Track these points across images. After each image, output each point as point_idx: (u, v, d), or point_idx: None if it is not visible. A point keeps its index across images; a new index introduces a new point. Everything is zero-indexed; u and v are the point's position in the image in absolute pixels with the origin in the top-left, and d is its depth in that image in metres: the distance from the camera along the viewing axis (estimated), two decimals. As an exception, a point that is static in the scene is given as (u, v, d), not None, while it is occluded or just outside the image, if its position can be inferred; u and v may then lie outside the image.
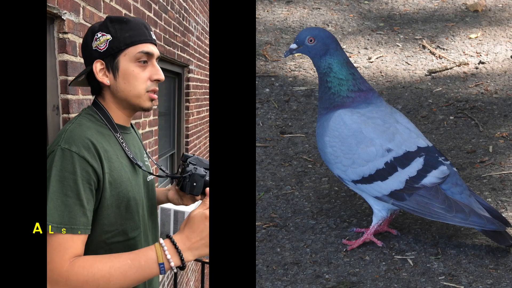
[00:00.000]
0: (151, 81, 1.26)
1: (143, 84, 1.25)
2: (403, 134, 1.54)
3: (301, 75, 2.18)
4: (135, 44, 1.23)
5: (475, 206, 1.51)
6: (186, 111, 4.39)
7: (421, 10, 2.49)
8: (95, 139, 1.15)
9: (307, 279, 1.51)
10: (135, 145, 1.36)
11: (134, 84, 1.24)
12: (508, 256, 1.53)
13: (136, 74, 1.23)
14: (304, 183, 1.78)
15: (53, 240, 1.05)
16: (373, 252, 1.57)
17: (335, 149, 1.56)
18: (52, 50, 1.80)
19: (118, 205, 1.18)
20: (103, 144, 1.17)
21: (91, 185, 1.10)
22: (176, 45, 3.76)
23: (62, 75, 1.83)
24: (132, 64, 1.23)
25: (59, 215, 1.06)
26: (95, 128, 1.20)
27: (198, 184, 1.38)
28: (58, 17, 1.78)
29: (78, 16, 1.89)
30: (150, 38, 1.26)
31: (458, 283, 1.47)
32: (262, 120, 2.00)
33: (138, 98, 1.26)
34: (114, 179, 1.16)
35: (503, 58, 2.23)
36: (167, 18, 3.47)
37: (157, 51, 1.29)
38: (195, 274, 4.76)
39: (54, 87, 1.81)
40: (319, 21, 2.42)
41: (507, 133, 1.92)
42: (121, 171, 1.20)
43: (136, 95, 1.25)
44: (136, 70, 1.23)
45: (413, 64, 2.22)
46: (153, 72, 1.26)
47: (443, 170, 1.53)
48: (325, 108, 1.58)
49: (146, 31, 1.26)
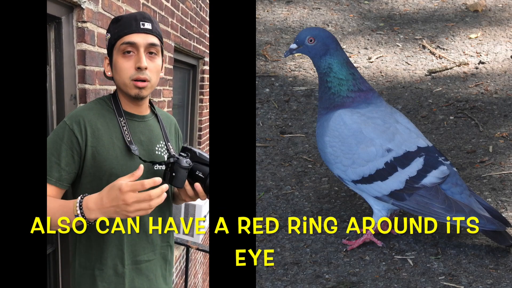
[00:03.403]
0: (135, 70, 1.36)
1: (127, 73, 1.36)
2: (403, 134, 1.54)
3: (301, 75, 2.18)
4: (121, 37, 1.35)
5: (475, 206, 1.51)
6: (200, 104, 4.30)
7: (421, 10, 2.49)
8: (89, 118, 1.34)
9: (307, 279, 1.51)
10: (145, 133, 1.44)
11: (120, 74, 1.37)
12: (508, 256, 1.53)
13: (120, 64, 1.36)
14: (304, 183, 1.78)
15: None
16: (373, 252, 1.57)
17: (335, 149, 1.56)
18: (71, 39, 1.78)
19: (100, 176, 1.34)
20: (97, 124, 1.35)
21: (73, 152, 1.32)
22: (192, 36, 3.68)
23: (80, 64, 1.82)
24: (119, 56, 1.36)
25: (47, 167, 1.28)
26: (97, 110, 1.38)
27: (177, 175, 1.36)
28: (77, 6, 1.76)
29: (97, 5, 1.88)
30: (136, 29, 1.35)
31: (458, 283, 1.47)
32: (262, 120, 2.00)
33: (125, 87, 1.38)
34: (98, 153, 1.34)
35: (503, 58, 2.23)
36: (184, 9, 3.40)
37: (147, 39, 1.37)
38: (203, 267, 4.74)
39: (72, 76, 1.81)
40: (319, 21, 2.42)
41: (507, 133, 1.92)
42: (109, 149, 1.35)
43: (123, 83, 1.37)
44: (120, 61, 1.36)
45: (413, 64, 2.22)
46: (136, 61, 1.35)
47: (443, 170, 1.52)
48: (325, 108, 1.58)
49: (134, 22, 1.35)
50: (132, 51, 1.35)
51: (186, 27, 3.46)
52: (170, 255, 1.56)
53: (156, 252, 1.49)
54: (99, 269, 1.39)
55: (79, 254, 1.41)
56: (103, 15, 1.93)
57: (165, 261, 1.53)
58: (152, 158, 1.42)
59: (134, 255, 1.43)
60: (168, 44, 3.02)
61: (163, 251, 1.51)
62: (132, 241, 1.41)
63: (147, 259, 1.46)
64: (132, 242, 1.42)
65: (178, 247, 3.66)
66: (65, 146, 1.32)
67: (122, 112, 1.40)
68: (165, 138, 1.49)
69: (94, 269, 1.39)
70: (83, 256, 1.40)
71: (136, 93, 1.37)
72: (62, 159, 1.32)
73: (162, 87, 2.97)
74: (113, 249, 1.39)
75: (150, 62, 1.37)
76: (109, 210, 1.20)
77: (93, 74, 1.89)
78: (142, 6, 2.42)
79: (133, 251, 1.42)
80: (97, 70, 1.92)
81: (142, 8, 2.43)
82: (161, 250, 1.51)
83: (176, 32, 3.19)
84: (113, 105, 1.40)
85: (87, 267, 1.40)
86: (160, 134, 1.48)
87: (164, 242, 1.52)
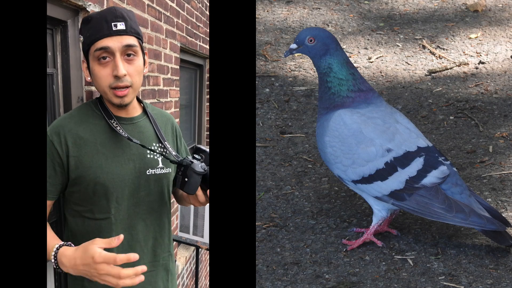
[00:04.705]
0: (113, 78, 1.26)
1: (106, 82, 1.26)
2: (403, 134, 1.54)
3: (301, 75, 2.18)
4: (94, 42, 1.24)
5: (475, 206, 1.51)
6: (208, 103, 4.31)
7: (421, 10, 2.49)
8: (69, 127, 1.29)
9: (307, 279, 1.51)
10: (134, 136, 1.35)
11: (98, 83, 1.28)
12: (508, 256, 1.53)
13: (96, 72, 1.26)
14: (304, 183, 1.78)
15: None
16: (373, 252, 1.57)
17: (335, 149, 1.56)
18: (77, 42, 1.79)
19: (85, 186, 1.31)
20: (79, 132, 1.29)
21: (54, 164, 1.29)
22: (198, 36, 3.66)
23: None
24: (95, 63, 1.26)
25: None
26: (79, 117, 1.32)
27: (190, 181, 1.26)
28: (83, 9, 1.78)
29: (102, 7, 1.88)
30: (108, 32, 1.23)
31: (458, 283, 1.47)
32: (262, 120, 2.00)
33: (106, 95, 1.30)
34: (81, 162, 1.29)
35: (503, 58, 2.23)
36: (190, 8, 3.38)
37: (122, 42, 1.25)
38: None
39: (78, 79, 1.82)
40: (319, 21, 2.42)
41: (507, 133, 1.92)
42: (93, 157, 1.30)
43: (103, 91, 1.30)
44: (97, 68, 1.26)
45: (413, 64, 2.22)
46: (113, 68, 1.25)
47: (443, 170, 1.52)
48: (325, 108, 1.58)
49: (106, 24, 1.23)
50: (107, 57, 1.25)
51: (192, 27, 3.45)
52: (172, 265, 1.50)
53: (156, 263, 1.43)
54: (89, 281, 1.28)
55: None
56: None
57: (167, 272, 1.48)
58: (143, 162, 1.35)
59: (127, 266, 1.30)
60: (174, 44, 3.01)
61: (164, 261, 1.46)
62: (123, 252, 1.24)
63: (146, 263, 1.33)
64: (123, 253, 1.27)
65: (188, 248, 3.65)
66: (48, 159, 1.28)
67: (111, 115, 1.33)
68: (160, 138, 1.40)
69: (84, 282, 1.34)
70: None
71: (118, 102, 1.29)
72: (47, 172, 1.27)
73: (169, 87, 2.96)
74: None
75: (129, 65, 1.27)
76: (81, 271, 1.18)
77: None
78: (146, 7, 2.42)
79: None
80: None
81: (147, 9, 2.42)
82: (162, 261, 1.45)
83: (182, 32, 3.18)
84: (100, 109, 1.33)
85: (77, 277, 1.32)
86: (153, 135, 1.40)
87: (164, 251, 1.46)
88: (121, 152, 1.33)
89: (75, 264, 1.18)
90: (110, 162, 1.32)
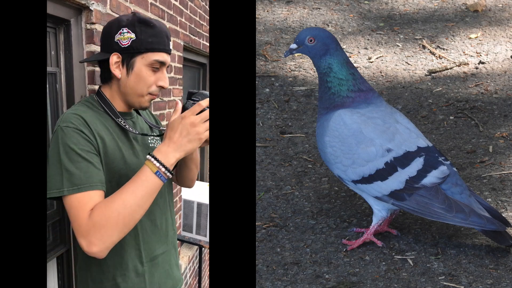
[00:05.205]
0: (156, 86, 1.37)
1: (149, 88, 1.36)
2: (403, 134, 1.54)
3: (301, 75, 2.18)
4: (153, 51, 1.34)
5: (475, 206, 1.51)
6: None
7: (421, 10, 2.49)
8: (88, 119, 1.28)
9: (307, 279, 1.51)
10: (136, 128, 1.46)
11: (142, 85, 1.35)
12: (508, 256, 1.53)
13: (147, 77, 1.35)
14: (304, 183, 1.78)
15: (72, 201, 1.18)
16: (373, 252, 1.57)
17: (335, 149, 1.56)
18: (80, 40, 1.80)
19: (110, 179, 1.30)
20: (97, 125, 1.30)
21: (94, 151, 1.25)
22: (201, 34, 3.66)
23: (89, 66, 1.83)
24: (145, 68, 1.34)
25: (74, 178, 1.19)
26: (91, 113, 1.33)
27: None
28: (86, 8, 1.78)
29: (105, 6, 1.89)
30: (167, 48, 1.38)
31: (458, 283, 1.47)
32: (262, 120, 2.00)
33: (140, 98, 1.37)
34: (106, 156, 1.29)
35: (503, 58, 2.23)
36: (193, 7, 3.38)
37: (169, 60, 1.40)
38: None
39: (81, 77, 1.82)
40: (319, 21, 2.42)
41: (507, 133, 1.92)
42: (114, 151, 1.32)
43: (140, 94, 1.37)
44: (148, 73, 1.35)
45: (413, 64, 2.22)
46: (161, 79, 1.37)
47: (443, 170, 1.53)
48: (325, 108, 1.58)
49: (166, 40, 1.37)
50: (158, 68, 1.37)
51: (195, 26, 3.44)
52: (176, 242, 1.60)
53: (168, 243, 1.50)
54: (121, 275, 1.37)
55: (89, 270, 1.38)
56: (111, 16, 1.94)
57: (175, 249, 1.56)
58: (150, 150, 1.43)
59: (151, 251, 1.43)
60: (177, 43, 3.01)
61: (173, 239, 1.54)
62: (148, 238, 1.42)
63: (162, 252, 1.47)
64: (148, 240, 1.42)
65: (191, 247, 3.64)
66: (85, 149, 1.24)
67: (117, 113, 1.38)
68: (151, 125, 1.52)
69: (116, 277, 1.37)
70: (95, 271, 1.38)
71: (148, 106, 1.40)
72: (93, 160, 1.24)
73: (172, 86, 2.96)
74: (132, 251, 1.39)
75: None
76: (182, 142, 1.20)
77: (102, 75, 1.90)
78: (150, 6, 2.42)
79: (150, 248, 1.43)
80: None
81: (150, 8, 2.42)
82: (172, 239, 1.53)
83: (185, 31, 3.18)
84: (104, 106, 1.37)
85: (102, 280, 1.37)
86: (146, 127, 1.52)
87: (172, 230, 1.54)
88: (133, 144, 1.41)
89: (174, 141, 1.21)
90: (128, 154, 1.37)
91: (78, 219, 1.17)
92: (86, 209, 1.17)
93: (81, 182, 1.19)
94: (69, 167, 1.19)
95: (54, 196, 1.20)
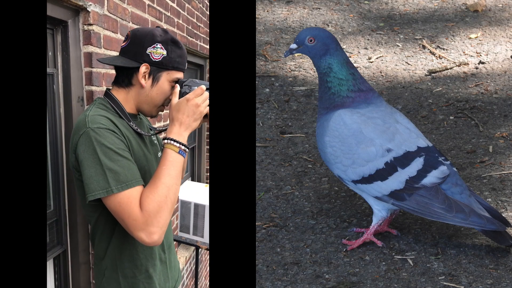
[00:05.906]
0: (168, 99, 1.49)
1: (164, 100, 1.48)
2: (403, 134, 1.54)
3: (301, 75, 2.18)
4: (177, 70, 1.46)
5: (475, 206, 1.51)
6: None
7: (421, 10, 2.49)
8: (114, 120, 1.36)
9: (307, 279, 1.51)
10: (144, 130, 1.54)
11: (161, 97, 1.46)
12: (508, 256, 1.53)
13: (167, 91, 1.46)
14: (304, 183, 1.78)
15: (122, 198, 1.24)
16: (373, 252, 1.57)
17: (335, 149, 1.56)
18: (77, 42, 1.80)
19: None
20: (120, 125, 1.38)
21: (127, 149, 1.33)
22: (199, 36, 3.67)
23: (87, 67, 1.84)
24: (167, 83, 1.45)
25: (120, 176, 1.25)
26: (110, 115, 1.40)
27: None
28: (83, 9, 1.78)
29: (103, 7, 1.89)
30: (185, 69, 1.51)
31: (458, 283, 1.47)
32: (262, 120, 2.00)
33: (155, 107, 1.48)
34: (133, 154, 1.37)
35: (503, 58, 2.23)
36: (190, 8, 3.40)
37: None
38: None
39: (79, 78, 1.82)
40: (319, 21, 2.42)
41: (507, 133, 1.92)
42: (138, 149, 1.41)
43: (156, 105, 1.48)
44: (168, 88, 1.46)
45: (413, 64, 2.22)
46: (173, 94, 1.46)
47: (443, 170, 1.53)
48: (325, 108, 1.58)
49: (186, 61, 1.50)
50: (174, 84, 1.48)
51: (192, 27, 3.45)
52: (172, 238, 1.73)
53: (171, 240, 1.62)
54: (152, 265, 1.47)
55: (120, 267, 1.44)
56: (109, 18, 1.94)
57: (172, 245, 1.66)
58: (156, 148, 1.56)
59: (168, 239, 1.56)
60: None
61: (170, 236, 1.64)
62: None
63: (172, 239, 1.62)
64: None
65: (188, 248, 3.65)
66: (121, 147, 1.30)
67: (128, 116, 1.44)
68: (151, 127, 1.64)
69: (148, 268, 1.46)
70: (128, 267, 1.44)
71: (155, 116, 1.51)
72: (131, 158, 1.32)
73: (170, 88, 2.96)
74: None
75: None
76: (190, 122, 1.36)
77: (99, 76, 1.90)
78: (147, 7, 2.42)
79: (167, 236, 1.55)
80: (104, 72, 1.93)
81: (147, 9, 2.42)
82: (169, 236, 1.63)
83: (182, 32, 3.18)
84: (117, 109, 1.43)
85: (135, 274, 1.44)
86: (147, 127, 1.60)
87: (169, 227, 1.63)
88: (145, 142, 1.51)
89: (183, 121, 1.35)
90: (147, 153, 1.46)
91: (132, 214, 1.23)
92: (137, 204, 1.25)
93: (127, 179, 1.26)
94: (112, 166, 1.25)
95: (101, 196, 1.24)
